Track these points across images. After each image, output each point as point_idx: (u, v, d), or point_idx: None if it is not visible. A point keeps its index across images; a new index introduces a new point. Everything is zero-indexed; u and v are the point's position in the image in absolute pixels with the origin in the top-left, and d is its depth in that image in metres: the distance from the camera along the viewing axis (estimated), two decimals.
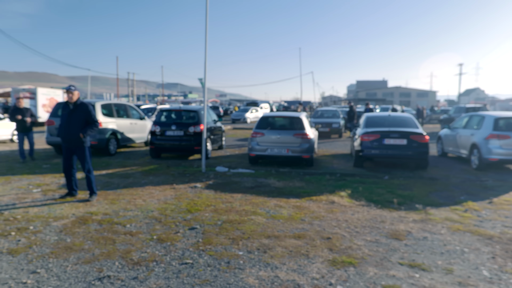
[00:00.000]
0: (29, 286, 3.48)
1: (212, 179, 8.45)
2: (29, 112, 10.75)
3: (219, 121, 13.99)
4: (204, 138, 9.61)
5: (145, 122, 14.21)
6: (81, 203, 6.26)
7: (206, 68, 9.35)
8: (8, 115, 10.23)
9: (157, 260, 4.07)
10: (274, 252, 4.30)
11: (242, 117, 33.49)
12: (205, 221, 5.40)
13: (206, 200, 6.58)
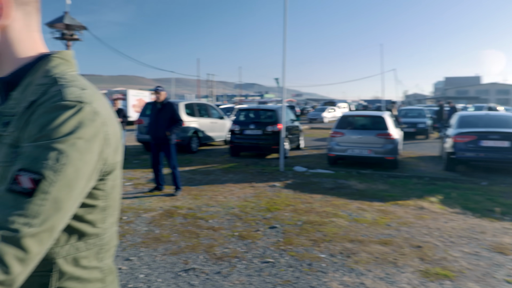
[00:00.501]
0: (124, 272, 3.71)
1: (291, 178, 8.37)
2: (122, 113, 11.48)
3: (297, 121, 13.89)
4: (282, 137, 9.57)
5: (224, 121, 14.64)
6: (167, 197, 6.59)
7: (285, 67, 9.31)
8: None
9: (239, 257, 4.09)
10: (358, 257, 4.09)
11: (319, 116, 33.01)
12: (285, 220, 5.34)
13: (285, 199, 6.52)
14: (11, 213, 0.68)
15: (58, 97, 0.79)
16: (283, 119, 9.62)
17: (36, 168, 0.71)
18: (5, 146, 0.81)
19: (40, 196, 0.70)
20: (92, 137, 0.79)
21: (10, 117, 0.84)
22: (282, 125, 9.88)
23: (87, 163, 0.78)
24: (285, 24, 8.94)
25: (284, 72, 9.37)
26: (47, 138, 0.74)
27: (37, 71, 0.87)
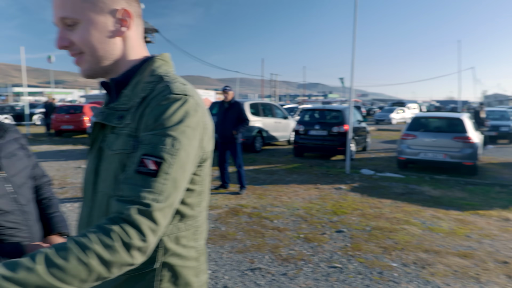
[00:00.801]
0: None
1: (357, 181, 8.08)
2: None
3: (364, 122, 13.41)
4: (349, 138, 9.28)
5: (288, 121, 14.57)
6: (233, 195, 6.68)
7: (353, 66, 9.01)
8: None
9: (305, 260, 4.01)
10: (434, 269, 3.80)
11: (387, 117, 31.60)
12: (353, 225, 5.14)
13: (352, 203, 6.29)
14: (142, 191, 0.80)
15: (167, 91, 0.91)
16: (350, 119, 9.30)
17: (157, 152, 0.84)
18: (123, 136, 0.93)
19: (163, 176, 0.83)
20: (196, 126, 0.90)
21: (123, 112, 0.96)
22: (349, 126, 9.57)
23: (193, 148, 0.90)
24: (355, 22, 8.65)
25: (353, 71, 9.07)
26: (162, 126, 0.86)
27: (144, 71, 1.00)
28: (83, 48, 0.94)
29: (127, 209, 0.78)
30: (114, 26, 0.96)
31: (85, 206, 1.04)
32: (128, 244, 0.76)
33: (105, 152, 0.98)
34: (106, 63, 0.98)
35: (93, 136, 1.05)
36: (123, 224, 0.77)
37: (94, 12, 0.92)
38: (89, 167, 1.04)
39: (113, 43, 0.97)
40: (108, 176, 0.95)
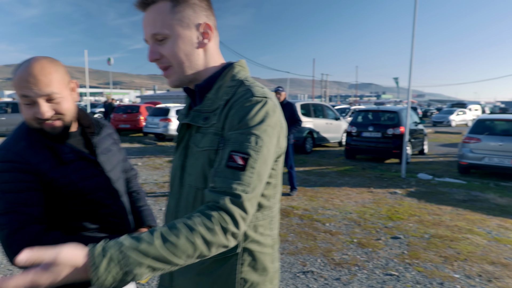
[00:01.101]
0: None
1: (414, 186, 7.72)
2: None
3: (421, 124, 12.79)
4: (405, 141, 8.89)
5: (340, 123, 14.28)
6: (283, 196, 6.65)
7: (412, 65, 8.61)
8: None
9: (359, 265, 3.88)
10: (502, 283, 3.52)
11: (446, 119, 29.93)
12: (409, 231, 4.91)
13: (409, 208, 6.02)
14: (233, 183, 0.92)
15: (248, 94, 1.02)
16: (406, 121, 8.90)
17: (244, 149, 0.95)
18: (210, 135, 1.04)
19: (250, 170, 0.94)
20: (275, 125, 1.01)
21: (208, 113, 1.08)
22: (405, 128, 9.17)
23: (273, 145, 1.01)
24: (414, 18, 8.26)
25: (411, 69, 8.67)
26: (246, 126, 0.97)
27: (224, 76, 1.11)
28: (172, 60, 1.06)
29: (222, 198, 0.90)
30: (197, 39, 1.07)
31: (172, 198, 1.16)
32: (225, 228, 0.88)
33: (191, 149, 1.10)
34: (191, 73, 1.09)
35: (180, 136, 1.17)
36: (220, 211, 0.89)
37: (181, 28, 1.04)
38: (176, 163, 1.16)
39: (197, 54, 1.08)
40: (195, 171, 1.07)
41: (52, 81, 1.18)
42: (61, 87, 1.22)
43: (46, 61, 1.21)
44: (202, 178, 1.04)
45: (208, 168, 1.02)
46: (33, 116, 1.20)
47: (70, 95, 1.27)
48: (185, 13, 1.04)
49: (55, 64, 1.22)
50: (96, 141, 1.38)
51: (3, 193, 1.15)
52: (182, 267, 1.02)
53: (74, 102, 1.31)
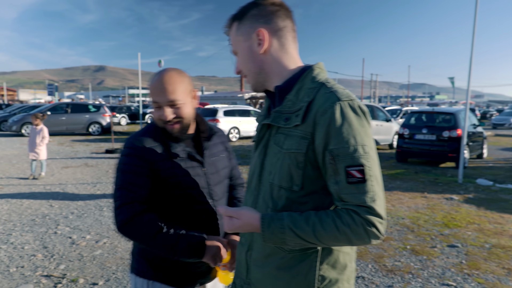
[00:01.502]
0: None
1: (472, 192, 7.29)
2: None
3: (480, 126, 12.05)
4: (463, 144, 8.41)
5: (390, 124, 13.81)
6: None
7: (471, 64, 8.13)
8: None
9: (413, 273, 3.74)
10: None
11: (508, 121, 27.98)
12: (468, 240, 4.65)
13: (467, 215, 5.69)
14: (361, 196, 1.00)
15: (334, 98, 1.05)
16: (466, 123, 8.42)
17: (356, 162, 1.01)
18: (296, 138, 1.09)
19: (370, 179, 1.01)
20: (367, 123, 1.07)
21: (289, 114, 1.12)
22: (463, 131, 8.68)
23: (373, 143, 1.07)
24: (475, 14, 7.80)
25: (471, 68, 8.19)
26: (347, 135, 1.02)
27: (304, 78, 1.15)
28: (244, 71, 1.20)
29: (359, 211, 0.99)
30: (256, 46, 1.16)
31: (251, 194, 1.24)
32: (369, 234, 0.99)
33: (271, 148, 1.16)
34: (261, 77, 1.19)
35: (260, 135, 1.23)
36: (362, 220, 0.99)
37: (243, 41, 1.17)
38: (255, 161, 1.23)
39: (259, 60, 1.17)
40: (277, 170, 1.12)
41: (176, 90, 1.40)
42: (183, 95, 1.43)
43: (174, 73, 1.43)
44: (288, 178, 1.10)
45: (296, 169, 1.09)
46: (159, 118, 1.43)
47: (190, 102, 1.47)
48: (245, 26, 1.16)
49: (181, 75, 1.44)
50: (206, 145, 1.56)
51: (122, 173, 1.40)
52: (260, 260, 1.17)
53: (194, 108, 1.50)
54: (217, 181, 1.56)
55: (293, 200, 1.10)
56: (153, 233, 1.33)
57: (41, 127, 8.12)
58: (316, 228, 1.02)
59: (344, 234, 1.00)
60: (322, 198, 1.10)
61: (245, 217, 1.09)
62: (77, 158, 10.98)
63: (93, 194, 6.68)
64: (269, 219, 1.06)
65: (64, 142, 15.17)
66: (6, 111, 23.00)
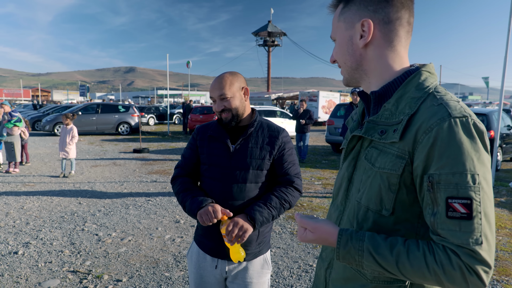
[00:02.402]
0: (308, 270, 3.79)
1: (504, 196, 7.00)
2: (308, 114, 10.73)
3: None
4: (496, 146, 8.08)
5: None
6: None
7: (506, 61, 7.79)
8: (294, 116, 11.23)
9: None
10: None
11: None
12: (498, 245, 4.46)
13: (498, 220, 5.47)
14: (463, 236, 0.83)
15: (444, 113, 0.88)
16: (499, 124, 8.08)
17: (462, 194, 0.84)
18: (391, 156, 0.95)
19: (477, 216, 0.83)
20: (485, 148, 0.88)
21: (385, 126, 0.97)
22: (495, 132, 8.34)
23: (490, 173, 0.88)
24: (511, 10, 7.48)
25: (505, 66, 7.86)
26: (456, 160, 0.84)
27: (407, 84, 0.97)
28: (338, 60, 1.08)
29: (460, 253, 0.83)
30: (358, 38, 1.01)
31: (335, 209, 1.15)
32: (468, 278, 0.83)
33: (361, 163, 1.04)
34: (357, 73, 1.06)
35: (350, 146, 1.10)
36: (462, 265, 0.83)
37: (344, 29, 1.04)
38: (343, 174, 1.13)
39: (358, 55, 1.03)
40: (366, 189, 1.00)
41: (224, 87, 1.73)
42: (232, 91, 1.74)
43: (227, 74, 1.78)
44: (378, 200, 0.97)
45: (387, 192, 0.95)
46: (215, 109, 1.79)
47: (240, 97, 1.78)
48: (350, 12, 1.02)
49: (232, 76, 1.77)
50: (243, 137, 1.79)
51: (187, 148, 1.92)
52: (338, 282, 1.09)
53: (243, 102, 1.80)
54: (239, 167, 1.75)
55: (381, 226, 0.97)
56: (176, 192, 1.82)
57: (71, 127, 8.39)
58: (400, 259, 0.88)
59: (435, 274, 0.85)
60: (416, 228, 0.95)
61: (320, 231, 1.01)
62: (106, 157, 11.31)
63: (120, 193, 6.86)
64: (348, 236, 0.95)
65: (94, 141, 15.65)
66: (40, 111, 23.97)
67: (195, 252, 1.86)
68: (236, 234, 1.61)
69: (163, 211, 5.73)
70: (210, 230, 1.76)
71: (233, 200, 1.73)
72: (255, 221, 1.66)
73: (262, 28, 39.60)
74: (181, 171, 1.88)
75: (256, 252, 1.80)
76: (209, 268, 1.81)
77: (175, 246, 4.34)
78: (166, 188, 7.26)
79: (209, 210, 1.63)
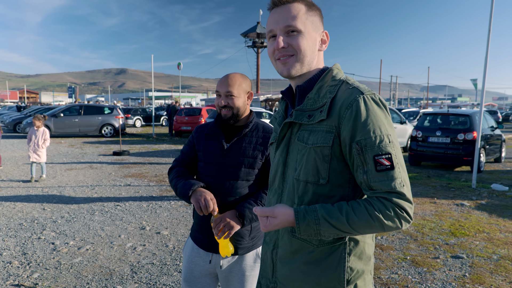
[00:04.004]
0: None
1: (486, 198, 6.87)
2: None
3: (499, 129, 11.49)
4: (478, 147, 7.97)
5: (405, 127, 13.35)
6: None
7: (487, 63, 7.69)
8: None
9: (409, 287, 3.43)
10: None
11: None
12: (475, 251, 4.29)
13: (476, 223, 5.31)
14: (391, 183, 1.05)
15: (357, 92, 1.12)
16: (480, 126, 7.97)
17: (383, 150, 1.06)
18: (321, 132, 1.13)
19: (397, 166, 1.07)
20: (388, 113, 1.13)
21: (312, 111, 1.17)
22: (477, 133, 8.23)
23: (395, 131, 1.12)
24: (491, 9, 7.39)
25: (486, 68, 7.75)
26: (373, 126, 1.07)
27: (324, 78, 1.21)
28: (297, 51, 1.18)
29: (391, 197, 1.04)
30: (319, 43, 1.23)
31: (274, 194, 1.28)
32: (401, 218, 1.05)
33: (294, 146, 1.21)
34: (305, 68, 1.21)
35: (281, 135, 1.26)
36: (395, 207, 1.04)
37: (312, 28, 1.20)
38: (277, 160, 1.27)
39: (315, 55, 1.22)
40: (303, 166, 1.16)
41: (233, 85, 1.82)
42: (238, 91, 1.83)
43: (237, 74, 1.87)
44: (315, 172, 1.14)
45: (322, 163, 1.13)
46: (218, 104, 1.86)
47: (244, 99, 1.86)
48: (316, 18, 1.22)
49: (242, 77, 1.86)
50: (237, 136, 1.86)
51: (186, 144, 2.02)
52: (287, 257, 1.21)
53: (245, 105, 1.87)
54: (231, 165, 1.83)
55: (320, 194, 1.14)
56: (171, 180, 1.92)
57: (43, 129, 8.05)
58: (349, 216, 1.05)
59: (377, 220, 1.03)
60: (348, 191, 1.14)
61: (281, 214, 1.11)
62: (83, 160, 10.98)
63: (89, 198, 6.58)
64: (303, 211, 1.09)
65: (75, 144, 15.29)
66: (23, 113, 23.47)
67: (189, 247, 1.94)
68: (222, 229, 1.69)
69: (130, 217, 5.47)
70: (204, 225, 1.85)
71: (225, 196, 1.81)
72: (244, 218, 1.74)
73: (251, 30, 39.44)
74: (178, 164, 1.99)
75: (249, 246, 1.87)
76: (202, 263, 1.88)
77: (135, 255, 4.09)
78: (138, 193, 7.00)
79: (207, 197, 1.71)
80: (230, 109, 1.83)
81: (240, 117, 1.88)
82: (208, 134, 1.92)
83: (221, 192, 1.81)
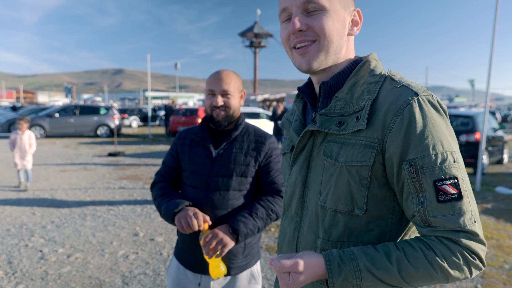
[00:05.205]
0: None
1: (491, 202, 6.68)
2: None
3: (501, 130, 11.33)
4: (481, 149, 7.78)
5: None
6: None
7: (491, 65, 7.51)
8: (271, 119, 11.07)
9: None
10: None
11: None
12: (485, 259, 4.09)
13: (484, 229, 5.12)
14: (459, 219, 0.79)
15: (409, 93, 0.83)
16: (485, 127, 7.78)
17: (448, 174, 0.79)
18: (358, 147, 0.85)
19: (465, 195, 0.80)
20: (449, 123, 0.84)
21: (343, 117, 0.89)
22: (481, 135, 8.04)
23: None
24: (496, 15, 7.20)
25: (491, 70, 7.57)
26: (434, 141, 0.80)
27: (358, 72, 0.92)
28: (320, 35, 0.89)
29: (459, 238, 0.79)
30: (349, 24, 0.93)
31: (290, 222, 1.01)
32: (471, 265, 0.79)
33: (317, 162, 0.94)
34: (331, 59, 0.92)
35: (301, 146, 0.98)
36: (464, 250, 0.79)
37: (340, 6, 0.90)
38: (295, 179, 0.99)
39: (344, 40, 0.92)
40: (328, 189, 0.90)
41: (230, 83, 1.64)
42: (234, 90, 1.66)
43: (231, 71, 1.69)
44: (348, 199, 0.87)
45: (358, 188, 0.86)
46: (210, 104, 1.65)
47: (238, 99, 1.70)
48: None
49: (236, 75, 1.69)
50: (227, 141, 1.67)
51: (168, 153, 1.80)
52: None
53: (239, 105, 1.71)
54: (220, 173, 1.63)
55: (353, 228, 0.88)
56: (154, 198, 1.71)
57: (28, 133, 7.26)
58: (401, 265, 0.79)
59: (441, 271, 0.79)
60: (390, 224, 0.88)
61: (308, 268, 0.82)
62: (77, 161, 10.73)
63: (81, 201, 6.34)
64: (337, 260, 0.82)
65: (70, 144, 15.02)
66: (18, 113, 23.17)
67: (174, 268, 1.73)
68: (214, 247, 1.48)
69: (123, 222, 5.24)
70: (191, 243, 1.63)
71: (215, 209, 1.61)
72: (239, 233, 1.53)
73: (248, 29, 39.28)
74: (161, 178, 1.78)
75: (243, 266, 1.67)
76: (190, 286, 1.68)
77: (127, 264, 3.86)
78: (133, 196, 6.77)
79: (188, 214, 1.50)
80: (225, 110, 1.66)
81: (233, 119, 1.70)
82: (193, 140, 1.72)
83: (211, 205, 1.61)
